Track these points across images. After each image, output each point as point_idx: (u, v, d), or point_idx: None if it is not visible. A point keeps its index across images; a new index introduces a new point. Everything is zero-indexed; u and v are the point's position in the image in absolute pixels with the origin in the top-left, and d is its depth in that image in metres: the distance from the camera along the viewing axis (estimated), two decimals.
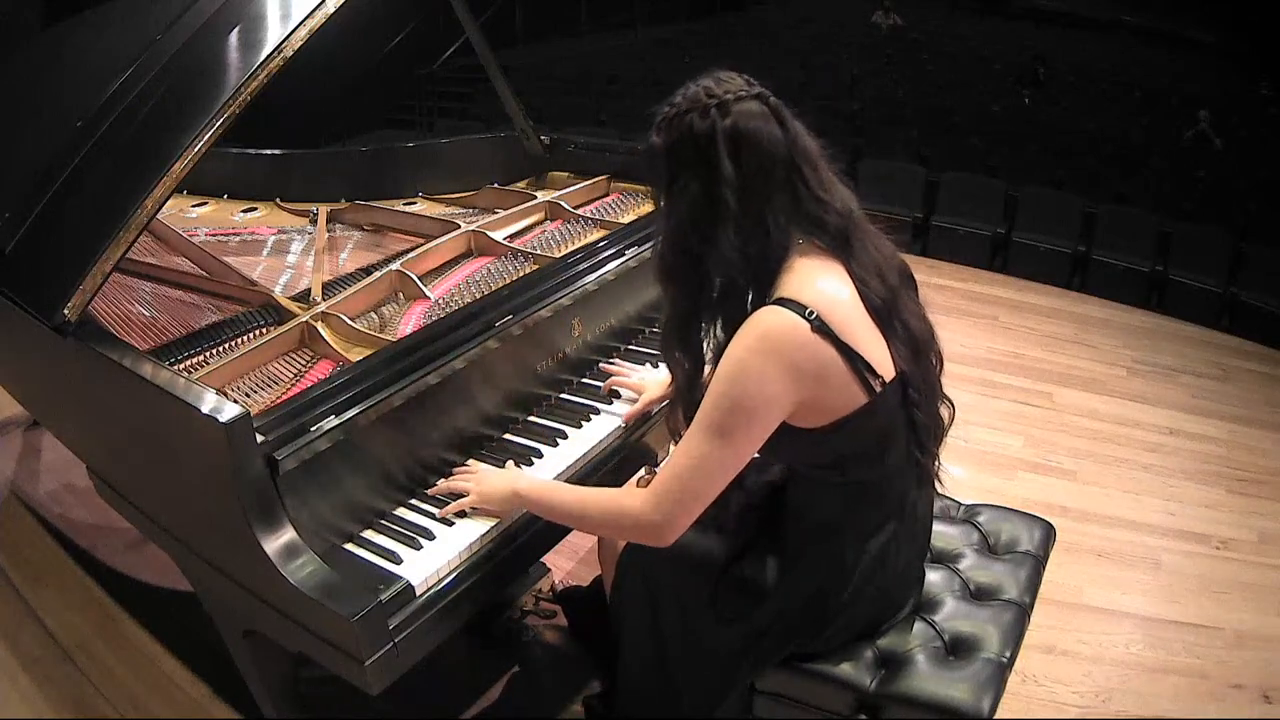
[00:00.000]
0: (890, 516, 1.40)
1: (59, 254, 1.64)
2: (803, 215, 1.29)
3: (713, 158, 1.25)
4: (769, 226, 1.27)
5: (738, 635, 1.42)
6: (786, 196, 1.28)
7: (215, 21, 1.73)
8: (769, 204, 1.27)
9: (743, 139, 1.25)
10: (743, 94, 1.27)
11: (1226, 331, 4.54)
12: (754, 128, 1.25)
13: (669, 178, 1.30)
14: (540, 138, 2.58)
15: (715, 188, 1.25)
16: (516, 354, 1.70)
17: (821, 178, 1.31)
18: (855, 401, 1.28)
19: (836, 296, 1.27)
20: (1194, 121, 6.32)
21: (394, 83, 9.28)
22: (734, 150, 1.25)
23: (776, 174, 1.27)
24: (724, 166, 1.24)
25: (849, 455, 1.33)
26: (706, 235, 1.27)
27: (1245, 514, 2.91)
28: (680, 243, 1.30)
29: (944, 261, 5.20)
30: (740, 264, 1.27)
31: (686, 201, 1.28)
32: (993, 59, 8.50)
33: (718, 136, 1.25)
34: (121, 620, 2.20)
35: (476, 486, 1.48)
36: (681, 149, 1.28)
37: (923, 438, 1.38)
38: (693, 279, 1.30)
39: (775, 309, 1.24)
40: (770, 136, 1.26)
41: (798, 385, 1.24)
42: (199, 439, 1.27)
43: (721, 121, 1.25)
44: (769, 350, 1.22)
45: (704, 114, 1.25)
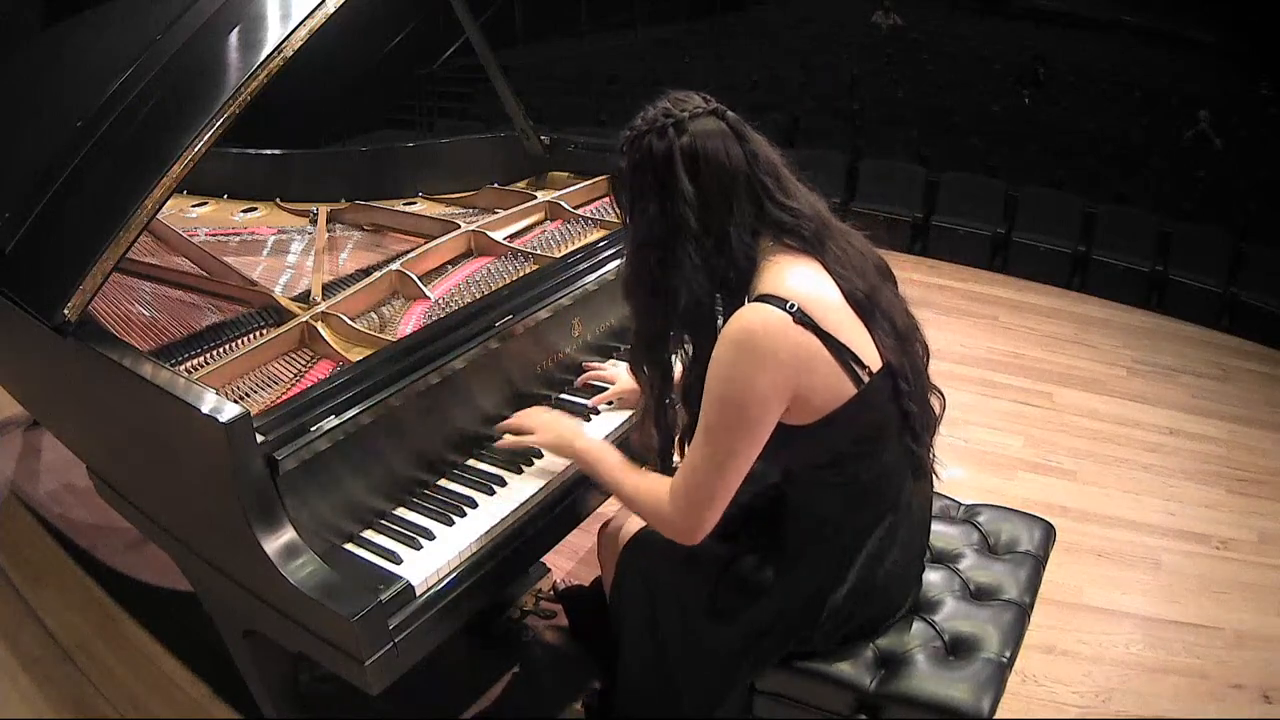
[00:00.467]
0: (887, 511, 1.40)
1: (59, 254, 1.64)
2: (770, 223, 1.31)
3: (671, 177, 1.27)
4: (732, 241, 1.29)
5: (737, 635, 1.42)
6: (750, 210, 1.30)
7: (215, 21, 1.73)
8: (731, 219, 1.28)
9: (700, 156, 1.27)
10: (699, 111, 1.29)
11: (1226, 331, 4.54)
12: (711, 144, 1.27)
13: (631, 199, 1.33)
14: (540, 138, 2.58)
15: (675, 207, 1.27)
16: (516, 354, 1.71)
17: (785, 186, 1.33)
18: (844, 394, 1.28)
19: (815, 288, 1.28)
20: (1194, 121, 6.32)
21: (394, 83, 9.28)
22: (692, 168, 1.27)
23: (737, 188, 1.29)
24: (683, 185, 1.26)
25: (845, 453, 1.33)
26: (668, 254, 1.29)
27: (1245, 514, 2.91)
28: (643, 262, 1.32)
29: (944, 261, 5.20)
30: (704, 280, 1.29)
31: (647, 222, 1.30)
32: (993, 59, 8.50)
33: (675, 155, 1.27)
34: (121, 620, 2.20)
35: (542, 428, 1.54)
36: (641, 170, 1.30)
37: (916, 428, 1.38)
38: (658, 297, 1.32)
39: (756, 306, 1.25)
40: (729, 151, 1.28)
41: (788, 378, 1.25)
42: (199, 439, 1.27)
43: (678, 140, 1.27)
44: (755, 346, 1.23)
45: (661, 134, 1.28)
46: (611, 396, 1.76)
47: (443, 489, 1.55)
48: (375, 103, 9.06)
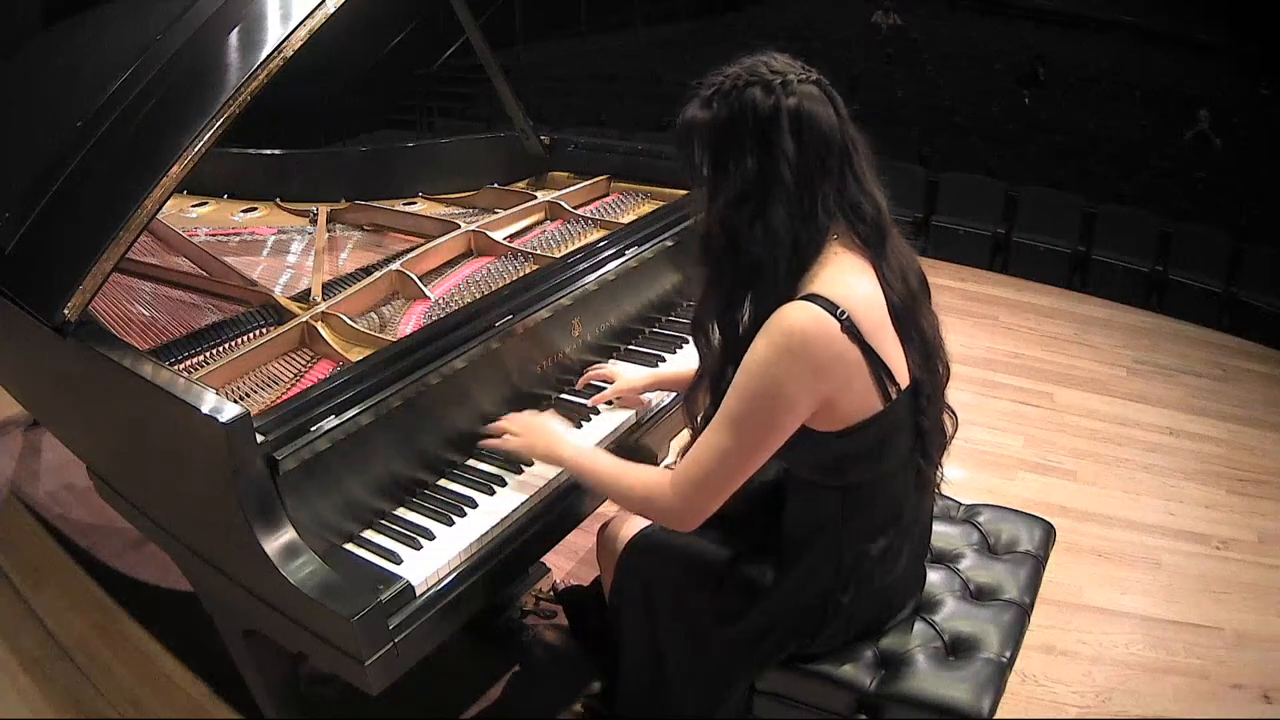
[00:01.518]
0: (889, 523, 1.39)
1: (59, 254, 1.64)
2: (848, 205, 1.28)
3: (775, 134, 1.23)
4: (818, 209, 1.25)
5: (737, 637, 1.42)
6: (836, 183, 1.27)
7: (215, 22, 1.72)
8: (821, 188, 1.25)
9: (805, 120, 1.23)
10: (804, 77, 1.26)
11: (1226, 331, 4.54)
12: (816, 110, 1.24)
13: (720, 151, 1.27)
14: (540, 138, 2.58)
15: (775, 165, 1.23)
16: (516, 354, 1.70)
17: (868, 173, 1.31)
18: (871, 407, 1.27)
19: (866, 297, 1.26)
20: (1194, 121, 6.32)
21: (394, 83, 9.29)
22: (796, 130, 1.23)
23: (831, 160, 1.26)
24: (786, 144, 1.22)
25: (850, 458, 1.32)
26: (759, 211, 1.24)
27: (1245, 514, 2.91)
28: (732, 217, 1.27)
29: (944, 261, 5.20)
30: (787, 242, 1.25)
31: (742, 176, 1.25)
32: (993, 59, 8.49)
33: (782, 114, 1.23)
34: (121, 620, 2.20)
35: (526, 435, 1.52)
36: (740, 123, 1.25)
37: (928, 446, 1.37)
38: (738, 254, 1.28)
39: (805, 305, 1.22)
40: (829, 122, 1.25)
41: (823, 384, 1.23)
42: (199, 439, 1.27)
43: (786, 100, 1.23)
44: (797, 347, 1.21)
45: (767, 90, 1.23)
46: (610, 396, 1.75)
47: (443, 489, 1.55)
48: (375, 103, 9.07)
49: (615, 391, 1.75)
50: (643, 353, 1.98)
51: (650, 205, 2.36)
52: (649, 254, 2.00)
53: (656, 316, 2.09)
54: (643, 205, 2.37)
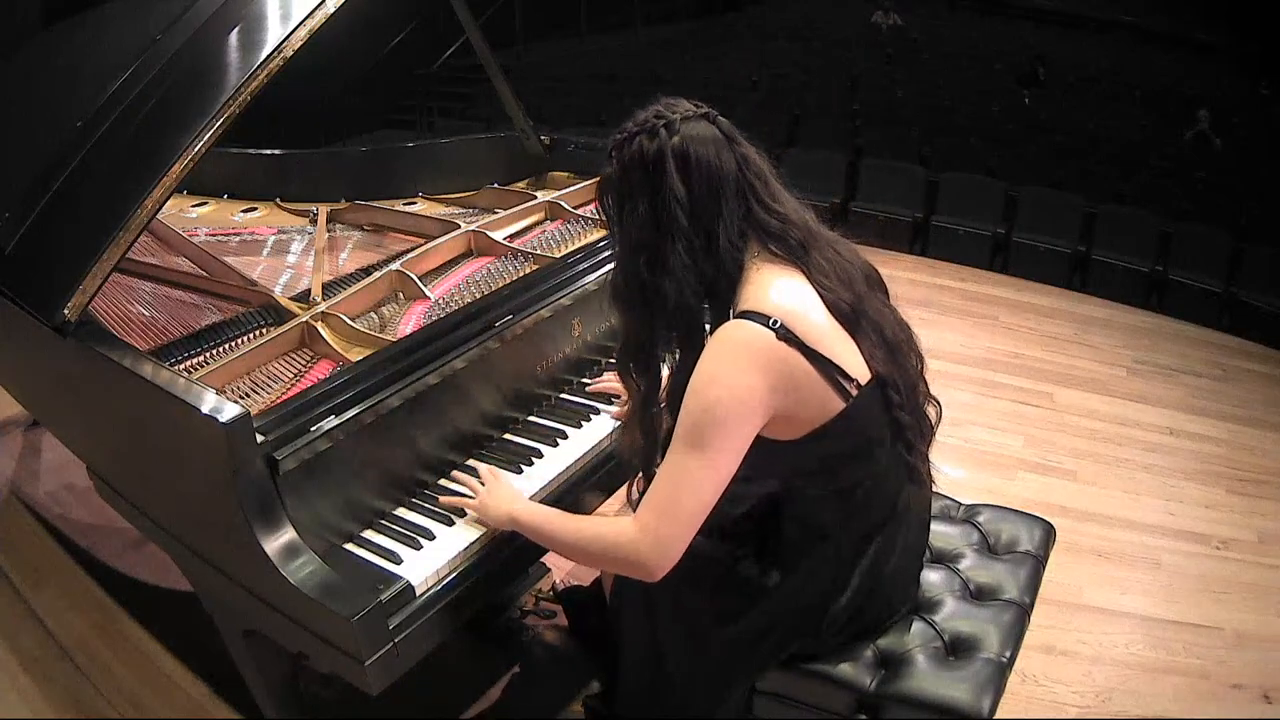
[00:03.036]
0: (885, 519, 1.39)
1: (59, 254, 1.64)
2: (757, 228, 1.30)
3: (662, 177, 1.26)
4: (721, 242, 1.28)
5: (737, 637, 1.42)
6: (738, 211, 1.29)
7: (215, 21, 1.72)
8: (720, 220, 1.28)
9: (691, 156, 1.26)
10: (690, 114, 1.29)
11: (1226, 331, 4.54)
12: (702, 146, 1.27)
13: (620, 201, 1.32)
14: (540, 138, 2.58)
15: (665, 206, 1.26)
16: (516, 354, 1.71)
17: (773, 191, 1.33)
18: (832, 408, 1.28)
19: (798, 302, 1.27)
20: (1194, 121, 6.32)
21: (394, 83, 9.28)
22: (683, 168, 1.26)
23: (727, 190, 1.28)
24: (673, 183, 1.25)
25: (837, 463, 1.32)
26: (659, 255, 1.27)
27: (1245, 514, 2.92)
28: (633, 264, 1.30)
29: (944, 261, 5.21)
30: (694, 283, 1.28)
31: (638, 223, 1.29)
32: (993, 59, 8.49)
33: (666, 155, 1.26)
34: (121, 620, 2.20)
35: (481, 500, 1.46)
36: (631, 171, 1.29)
37: (909, 438, 1.38)
38: (647, 302, 1.31)
39: (738, 323, 1.25)
40: (719, 153, 1.28)
41: (769, 395, 1.23)
42: (199, 439, 1.27)
43: (669, 140, 1.26)
44: (738, 361, 1.23)
45: (652, 134, 1.27)
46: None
47: (443, 489, 1.55)
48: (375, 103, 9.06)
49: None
50: None
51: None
52: None
53: None
54: None
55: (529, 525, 1.41)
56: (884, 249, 5.22)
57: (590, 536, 1.34)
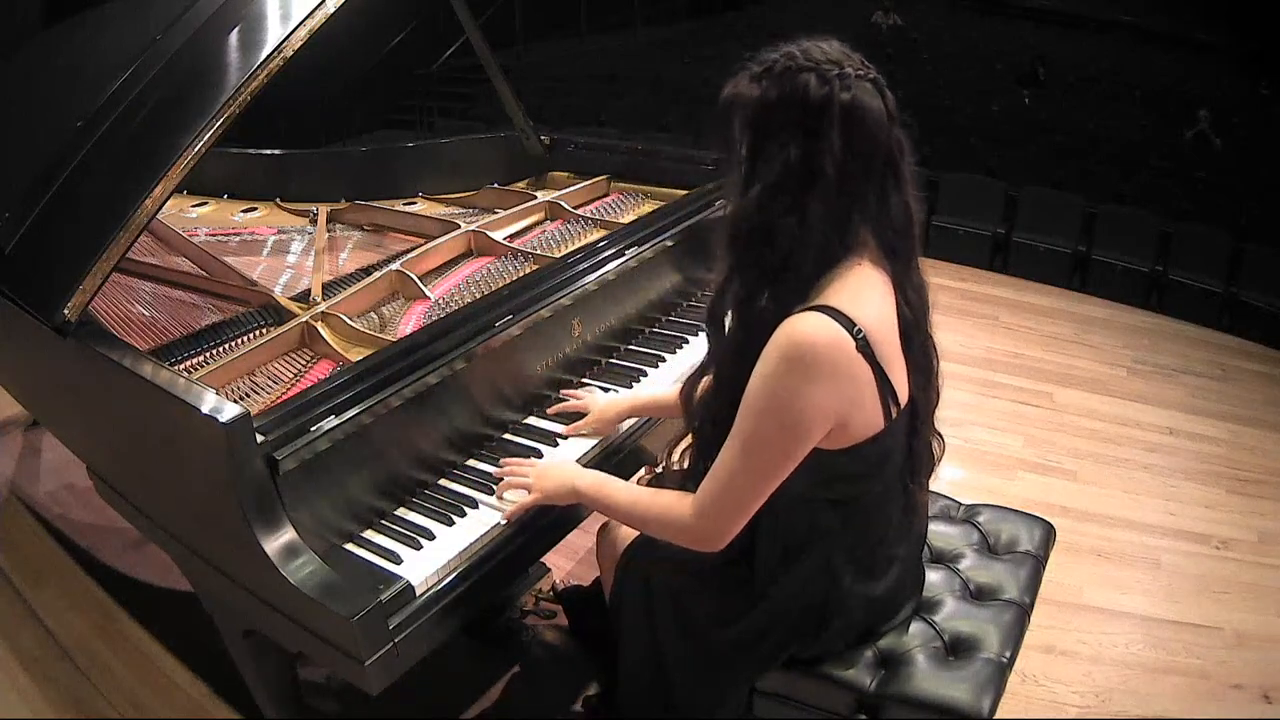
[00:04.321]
0: (882, 537, 1.39)
1: (59, 254, 1.64)
2: (883, 214, 1.24)
3: (824, 127, 1.16)
4: (854, 212, 1.21)
5: (736, 638, 1.42)
6: (876, 189, 1.22)
7: (215, 21, 1.72)
8: (861, 189, 1.20)
9: (857, 118, 1.17)
10: (862, 74, 1.21)
11: (1226, 331, 4.54)
12: (869, 110, 1.18)
13: (764, 132, 1.21)
14: (540, 138, 2.58)
15: (819, 158, 1.16)
16: (516, 354, 1.70)
17: (907, 186, 1.26)
18: (875, 426, 1.25)
19: (880, 316, 1.23)
20: (1194, 121, 6.32)
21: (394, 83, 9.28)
22: (846, 126, 1.16)
23: (876, 163, 1.20)
24: (833, 139, 1.16)
25: (846, 476, 1.31)
26: (796, 203, 1.18)
27: (1245, 514, 2.91)
28: (767, 204, 1.20)
29: (944, 261, 5.20)
30: (818, 241, 1.20)
31: (785, 163, 1.18)
32: (993, 59, 8.49)
33: (834, 106, 1.16)
34: (121, 620, 2.19)
35: (538, 484, 1.48)
36: (789, 107, 1.18)
37: (915, 466, 1.37)
38: (768, 245, 1.21)
39: (817, 316, 1.18)
40: (881, 125, 1.20)
41: (840, 402, 1.20)
42: (199, 439, 1.27)
43: (840, 93, 1.17)
44: (811, 362, 1.17)
45: (822, 79, 1.17)
46: (585, 428, 1.70)
47: (443, 489, 1.55)
48: (375, 103, 9.06)
49: (590, 423, 1.70)
50: (643, 352, 1.98)
51: (650, 205, 2.36)
52: (649, 254, 2.00)
53: (656, 316, 2.09)
54: (643, 205, 2.37)
55: (590, 494, 1.45)
56: None
57: (649, 511, 1.36)
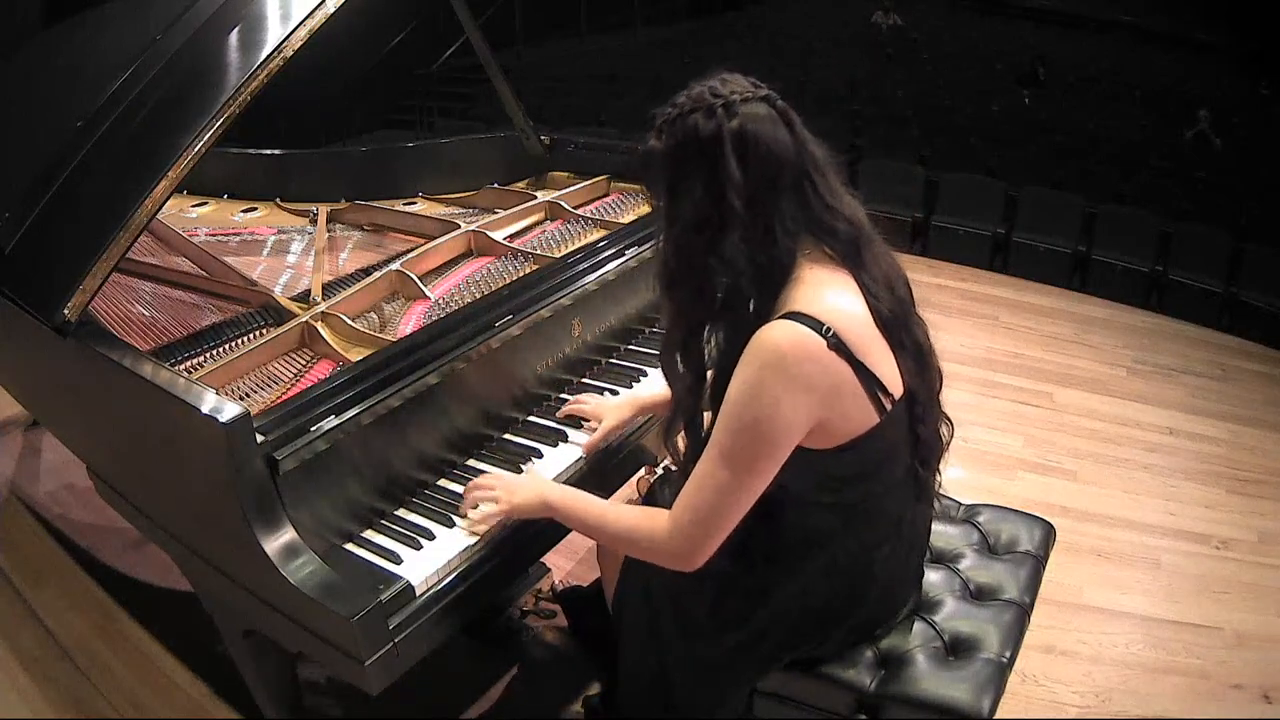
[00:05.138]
0: (887, 535, 1.38)
1: (59, 254, 1.64)
2: (812, 222, 1.25)
3: (718, 160, 1.20)
4: (776, 232, 1.22)
5: (737, 641, 1.42)
6: (795, 202, 1.23)
7: (215, 21, 1.73)
8: (777, 210, 1.22)
9: (750, 141, 1.20)
10: (749, 95, 1.22)
11: (1226, 331, 4.54)
12: (762, 130, 1.20)
13: (671, 181, 1.25)
14: (540, 138, 2.58)
15: (721, 191, 1.19)
16: (516, 354, 1.70)
17: (830, 185, 1.27)
18: (868, 422, 1.25)
19: (850, 311, 1.23)
20: (1194, 121, 6.31)
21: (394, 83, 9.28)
22: (741, 153, 1.19)
23: (784, 179, 1.22)
24: (730, 169, 1.19)
25: (849, 475, 1.30)
26: (712, 241, 1.22)
27: (1245, 514, 2.91)
28: (684, 249, 1.25)
29: (944, 261, 5.20)
30: (747, 271, 1.22)
31: (690, 205, 1.22)
32: (993, 59, 8.49)
33: (724, 138, 1.19)
34: (121, 620, 2.19)
35: (507, 498, 1.45)
36: (685, 151, 1.22)
37: (925, 454, 1.36)
38: (696, 287, 1.26)
39: (788, 324, 1.19)
40: (778, 140, 1.22)
41: (816, 405, 1.20)
42: (199, 439, 1.27)
43: (728, 123, 1.19)
44: (784, 369, 1.18)
45: (709, 114, 1.20)
46: (601, 436, 1.67)
47: (443, 489, 1.55)
48: (375, 103, 9.06)
49: (604, 432, 1.67)
50: (642, 353, 1.98)
51: (650, 205, 2.36)
52: (649, 254, 1.99)
53: (657, 316, 2.09)
54: (643, 205, 2.37)
55: (561, 508, 1.41)
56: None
57: (624, 527, 1.34)
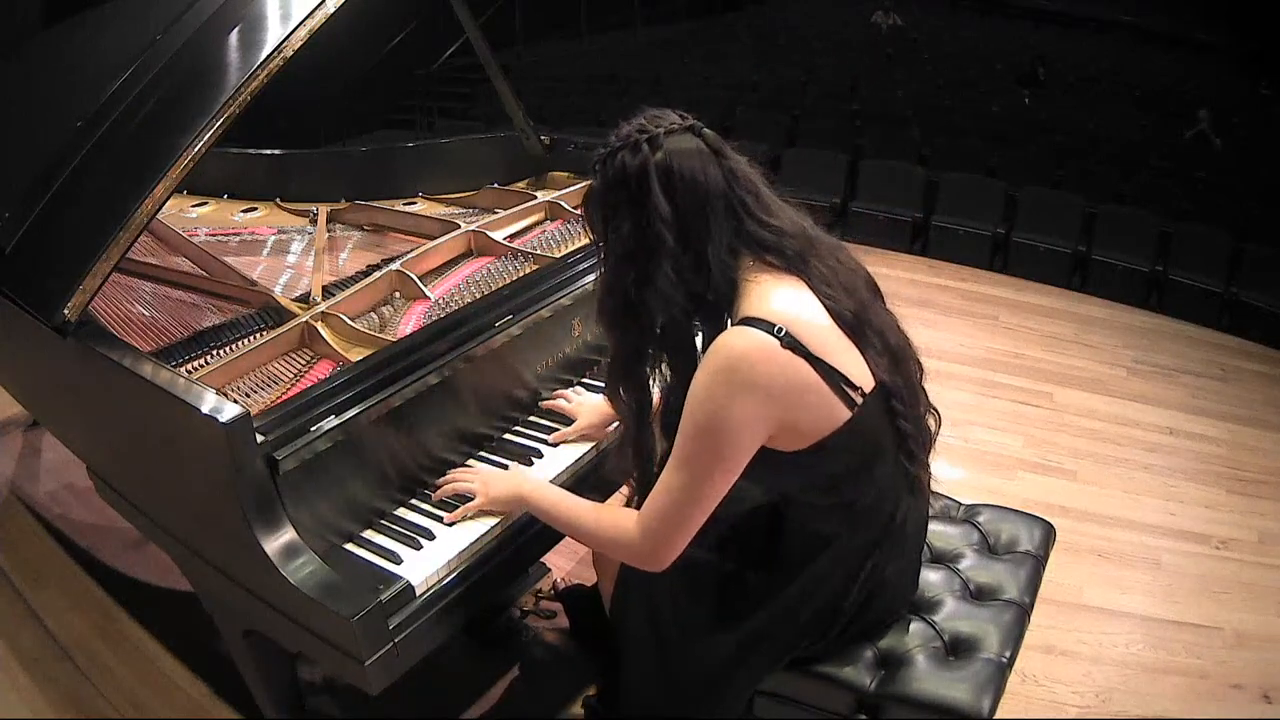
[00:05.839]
0: (882, 532, 1.38)
1: (59, 254, 1.64)
2: (750, 243, 1.28)
3: (645, 194, 1.23)
4: (709, 259, 1.25)
5: (738, 642, 1.41)
6: (728, 227, 1.26)
7: (215, 21, 1.73)
8: (709, 238, 1.25)
9: (675, 173, 1.23)
10: (674, 127, 1.26)
11: (1226, 331, 4.54)
12: (686, 162, 1.24)
13: (605, 217, 1.29)
14: (540, 138, 2.59)
15: (649, 224, 1.23)
16: (516, 354, 1.71)
17: (765, 204, 1.30)
18: (837, 418, 1.26)
19: (802, 309, 1.25)
20: (1194, 121, 6.32)
21: (394, 83, 9.28)
22: (667, 184, 1.23)
23: (714, 205, 1.25)
24: (657, 201, 1.23)
25: (841, 476, 1.31)
26: (643, 274, 1.25)
27: (1245, 514, 2.91)
28: (618, 283, 1.28)
29: (944, 261, 5.20)
30: (682, 301, 1.26)
31: (620, 240, 1.26)
32: (993, 59, 8.49)
33: (650, 171, 1.23)
34: (121, 620, 2.19)
35: (484, 490, 1.47)
36: (614, 188, 1.26)
37: (911, 447, 1.36)
38: (634, 319, 1.29)
39: (741, 330, 1.22)
40: (705, 168, 1.25)
41: (773, 407, 1.22)
42: (199, 439, 1.27)
43: (653, 156, 1.23)
44: (740, 373, 1.20)
45: (635, 150, 1.24)
46: (572, 435, 1.69)
47: None
48: (375, 103, 9.06)
49: (579, 429, 1.69)
50: None
51: None
52: None
53: None
54: None
55: (536, 502, 1.44)
56: (884, 249, 5.22)
57: (594, 526, 1.37)
